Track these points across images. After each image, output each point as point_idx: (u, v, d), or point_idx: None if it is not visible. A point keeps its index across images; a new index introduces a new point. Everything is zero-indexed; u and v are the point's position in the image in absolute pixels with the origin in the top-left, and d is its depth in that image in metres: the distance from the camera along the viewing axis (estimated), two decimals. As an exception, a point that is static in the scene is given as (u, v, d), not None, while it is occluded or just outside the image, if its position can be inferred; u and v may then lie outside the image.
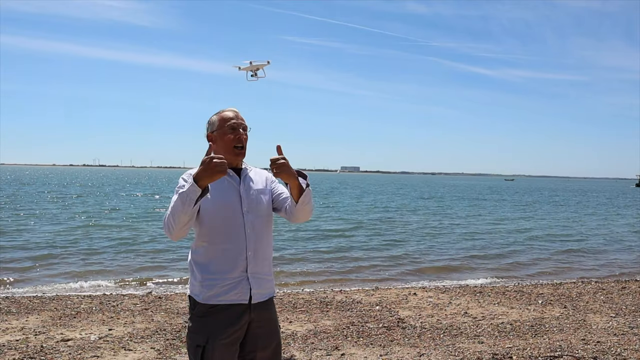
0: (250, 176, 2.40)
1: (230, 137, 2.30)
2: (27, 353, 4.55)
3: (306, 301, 6.95)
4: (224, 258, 2.27)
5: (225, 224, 2.27)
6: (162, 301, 6.87)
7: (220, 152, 2.27)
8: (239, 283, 2.28)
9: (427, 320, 6.01)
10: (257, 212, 2.34)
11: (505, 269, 11.06)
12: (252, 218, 2.32)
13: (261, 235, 2.35)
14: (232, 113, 2.35)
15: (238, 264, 2.28)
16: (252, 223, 2.31)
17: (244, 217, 2.30)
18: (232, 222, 2.28)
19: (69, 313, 6.07)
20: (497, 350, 4.82)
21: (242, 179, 2.36)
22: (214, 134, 2.33)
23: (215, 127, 2.33)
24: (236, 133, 2.31)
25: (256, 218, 2.33)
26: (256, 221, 2.33)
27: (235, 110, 2.38)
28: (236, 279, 2.28)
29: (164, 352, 4.71)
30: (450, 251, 13.18)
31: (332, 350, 4.86)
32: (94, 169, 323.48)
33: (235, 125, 2.31)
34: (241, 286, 2.29)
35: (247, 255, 2.29)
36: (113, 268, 9.95)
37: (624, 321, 6.01)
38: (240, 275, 2.29)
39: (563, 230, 19.27)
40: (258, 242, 2.33)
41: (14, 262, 10.17)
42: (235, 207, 2.29)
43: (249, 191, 2.35)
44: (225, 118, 2.32)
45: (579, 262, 12.18)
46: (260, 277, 2.34)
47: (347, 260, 11.42)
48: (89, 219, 18.67)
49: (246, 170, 2.41)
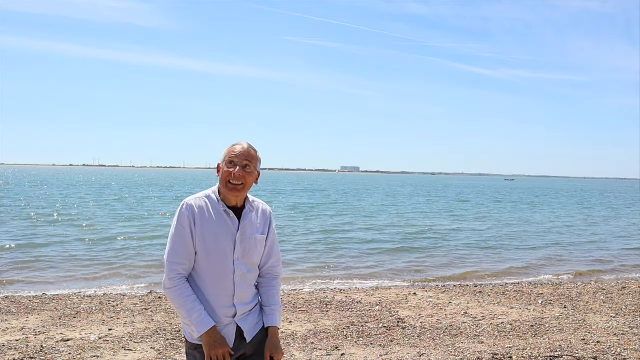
0: (250, 219, 2.32)
1: (227, 171, 2.25)
2: (27, 353, 4.56)
3: (306, 301, 6.95)
4: (209, 305, 2.25)
5: (213, 269, 2.24)
6: (162, 301, 6.87)
7: (221, 184, 2.28)
8: (224, 328, 2.25)
9: (427, 320, 6.01)
10: (248, 259, 2.30)
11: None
12: (242, 265, 2.27)
13: (250, 280, 2.32)
14: (240, 148, 2.28)
15: (224, 312, 2.25)
16: (242, 271, 2.28)
17: (234, 265, 2.26)
18: (221, 268, 2.25)
19: (69, 313, 6.08)
20: (497, 350, 4.82)
21: (241, 223, 2.29)
22: (221, 164, 2.32)
23: (222, 158, 2.32)
24: (232, 168, 2.25)
25: (247, 265, 2.29)
26: (246, 268, 2.29)
27: (246, 146, 2.29)
28: (222, 325, 2.25)
29: (164, 352, 4.72)
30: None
31: (332, 350, 4.86)
32: (94, 169, 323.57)
33: (235, 161, 2.25)
34: (227, 331, 2.26)
35: (234, 303, 2.27)
36: (113, 267, 9.96)
37: (624, 321, 6.01)
38: (228, 322, 2.26)
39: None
40: (246, 287, 2.30)
41: (14, 262, 10.17)
42: (227, 254, 2.25)
43: (245, 237, 2.29)
44: (231, 152, 2.28)
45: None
46: (248, 315, 2.32)
47: (347, 261, 11.43)
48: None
49: (248, 213, 2.32)
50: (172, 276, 2.22)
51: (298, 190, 50.86)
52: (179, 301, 2.21)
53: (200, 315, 2.20)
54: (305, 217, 21.88)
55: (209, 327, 2.19)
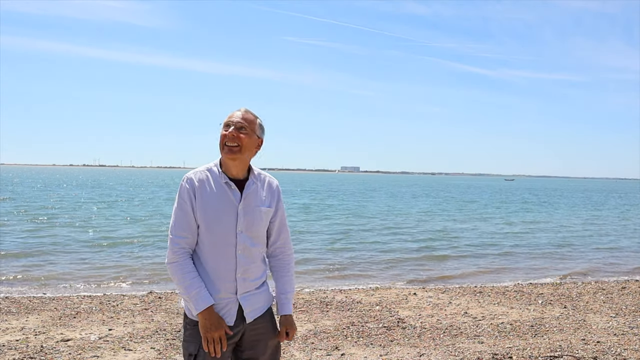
0: (255, 190, 2.25)
1: (222, 134, 2.19)
2: (27, 353, 4.55)
3: (306, 301, 6.95)
4: (209, 278, 2.18)
5: (215, 242, 2.18)
6: (162, 301, 6.87)
7: (220, 151, 2.23)
8: (225, 305, 2.19)
9: (427, 320, 6.01)
10: (252, 232, 2.22)
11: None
12: (245, 239, 2.20)
13: (254, 255, 2.24)
14: (237, 112, 2.23)
15: (225, 286, 2.18)
16: (245, 244, 2.20)
17: (237, 237, 2.18)
18: (223, 241, 2.18)
19: (69, 313, 6.07)
20: (497, 350, 4.82)
21: (243, 195, 2.21)
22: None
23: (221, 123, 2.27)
24: (227, 130, 2.19)
25: (251, 238, 2.22)
26: (250, 242, 2.21)
27: (244, 110, 2.24)
28: (223, 300, 2.18)
29: (164, 352, 4.71)
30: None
31: (332, 350, 4.86)
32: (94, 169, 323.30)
33: (228, 122, 2.20)
34: (228, 308, 2.19)
35: (237, 277, 2.20)
36: (113, 267, 9.95)
37: (624, 321, 6.01)
38: (228, 298, 2.19)
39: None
40: (250, 262, 2.22)
41: (14, 262, 10.17)
42: (229, 226, 2.18)
43: (249, 209, 2.21)
44: (229, 116, 2.22)
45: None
46: (252, 294, 2.24)
47: (347, 260, 11.43)
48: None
49: (251, 184, 2.25)
50: (175, 250, 2.17)
51: (306, 191, 50.50)
52: (179, 276, 2.15)
53: (198, 292, 2.13)
54: (316, 217, 22.02)
55: (206, 305, 2.12)
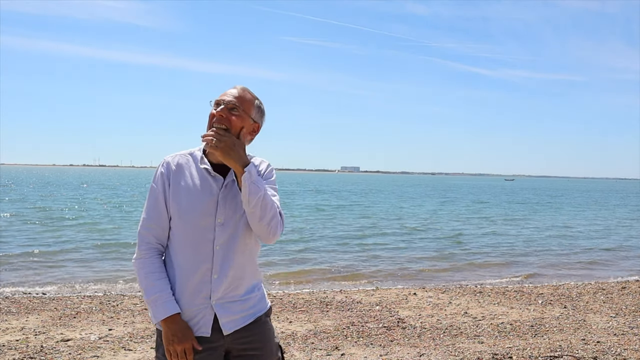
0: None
1: (211, 113, 1.88)
2: (27, 353, 4.55)
3: (306, 301, 6.95)
4: (178, 279, 1.86)
5: (189, 235, 1.86)
6: (162, 301, 6.86)
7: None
8: (198, 313, 1.86)
9: (427, 320, 6.01)
10: (235, 225, 1.88)
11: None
12: (226, 232, 1.86)
13: (235, 253, 1.88)
14: (232, 90, 1.92)
15: (198, 289, 1.86)
16: (225, 239, 1.86)
17: (215, 231, 1.85)
18: (198, 235, 1.85)
19: (69, 313, 6.08)
20: (497, 350, 4.82)
21: (226, 181, 1.89)
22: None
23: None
24: (216, 109, 1.88)
25: (232, 232, 1.87)
26: (231, 236, 1.87)
27: (239, 87, 1.93)
28: (194, 307, 1.86)
29: (164, 352, 4.71)
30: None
31: (332, 350, 4.86)
32: (94, 169, 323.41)
33: (219, 100, 1.88)
34: (200, 317, 1.86)
35: (212, 279, 1.86)
36: (113, 267, 9.96)
37: (624, 321, 6.01)
38: (201, 304, 1.86)
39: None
40: (229, 261, 1.87)
41: (14, 262, 10.17)
42: (206, 216, 1.85)
43: (230, 197, 1.88)
44: (222, 93, 1.92)
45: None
46: (232, 302, 1.90)
47: (347, 260, 11.43)
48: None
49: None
50: (141, 246, 1.89)
51: (310, 192, 50.27)
52: (140, 276, 1.86)
53: (160, 297, 1.82)
54: (325, 217, 22.00)
55: (168, 314, 1.81)
